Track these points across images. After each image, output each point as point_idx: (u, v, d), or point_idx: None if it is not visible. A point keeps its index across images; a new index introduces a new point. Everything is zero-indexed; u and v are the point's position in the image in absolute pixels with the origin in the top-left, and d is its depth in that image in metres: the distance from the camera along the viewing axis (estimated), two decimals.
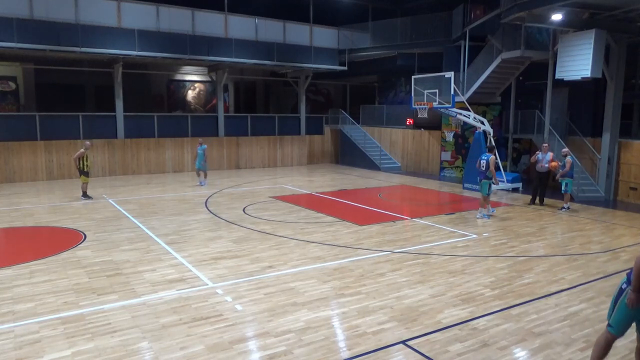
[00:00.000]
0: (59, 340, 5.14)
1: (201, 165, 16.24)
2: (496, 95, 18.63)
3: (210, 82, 24.74)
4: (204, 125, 21.17)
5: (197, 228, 10.31)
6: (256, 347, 5.07)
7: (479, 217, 11.59)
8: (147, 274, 7.28)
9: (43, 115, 17.76)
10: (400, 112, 22.59)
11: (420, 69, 20.73)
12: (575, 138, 16.62)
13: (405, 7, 23.19)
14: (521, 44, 15.56)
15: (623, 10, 12.84)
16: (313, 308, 6.06)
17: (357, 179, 18.68)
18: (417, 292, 6.67)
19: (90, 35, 16.65)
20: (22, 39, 15.56)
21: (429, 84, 15.89)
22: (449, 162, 20.03)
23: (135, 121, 19.41)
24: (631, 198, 14.62)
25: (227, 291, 6.64)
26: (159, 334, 5.30)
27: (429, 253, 8.59)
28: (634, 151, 14.62)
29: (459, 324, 5.64)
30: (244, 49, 19.88)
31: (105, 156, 18.60)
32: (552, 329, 5.57)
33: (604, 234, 10.43)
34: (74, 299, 6.26)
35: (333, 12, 23.12)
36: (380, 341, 5.20)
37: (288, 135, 23.26)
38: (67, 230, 10.06)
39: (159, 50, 18.13)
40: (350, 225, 10.73)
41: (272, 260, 8.04)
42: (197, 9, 18.96)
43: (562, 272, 7.62)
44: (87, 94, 22.44)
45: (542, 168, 13.08)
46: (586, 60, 13.22)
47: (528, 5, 13.03)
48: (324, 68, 22.09)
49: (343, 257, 8.28)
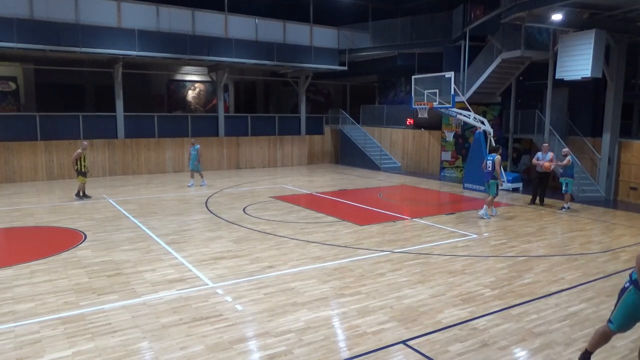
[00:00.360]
0: (59, 340, 5.14)
1: (195, 166, 15.95)
2: (496, 95, 18.63)
3: (210, 82, 24.74)
4: (204, 125, 21.17)
5: (197, 228, 10.32)
6: (256, 347, 5.07)
7: (481, 214, 11.59)
8: (147, 274, 7.28)
9: (43, 115, 17.77)
10: (400, 112, 22.59)
11: (420, 69, 20.72)
12: (575, 138, 16.63)
13: (405, 7, 23.19)
14: (521, 44, 15.56)
15: (623, 10, 12.84)
16: (313, 308, 6.06)
17: (357, 179, 18.68)
18: (417, 292, 6.68)
19: (90, 35, 16.65)
20: (22, 39, 15.56)
21: (429, 84, 15.88)
22: (449, 162, 20.03)
23: (136, 121, 19.41)
24: (631, 198, 14.63)
25: (227, 291, 6.64)
26: (159, 334, 5.30)
27: (429, 253, 8.59)
28: (634, 151, 14.63)
29: (459, 324, 5.64)
30: (244, 49, 19.88)
31: (105, 156, 18.61)
32: (552, 329, 5.58)
33: (604, 234, 10.43)
34: (74, 299, 6.26)
35: (333, 12, 23.11)
36: (380, 341, 5.20)
37: (288, 135, 23.26)
38: (67, 230, 10.06)
39: (159, 50, 18.13)
40: (350, 225, 10.73)
41: (272, 260, 8.04)
42: (197, 9, 18.97)
43: (562, 272, 7.62)
44: (87, 94, 22.44)
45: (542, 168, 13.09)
46: (586, 60, 13.23)
47: (528, 5, 13.04)
48: (324, 68, 22.09)
49: (343, 257, 8.28)
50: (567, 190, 12.72)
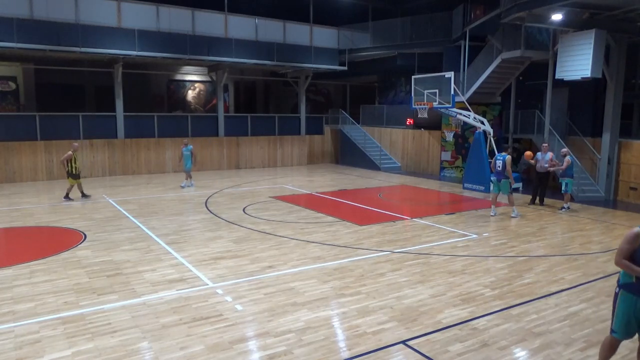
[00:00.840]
0: (59, 340, 5.14)
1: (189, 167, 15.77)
2: (496, 95, 18.63)
3: (210, 82, 24.73)
4: (204, 125, 21.17)
5: (197, 228, 10.32)
6: (256, 347, 5.07)
7: (514, 215, 11.69)
8: (147, 274, 7.28)
9: (43, 115, 17.76)
10: (400, 112, 22.59)
11: (420, 69, 20.72)
12: (575, 138, 16.62)
13: (405, 7, 23.17)
14: (521, 44, 15.56)
15: (623, 10, 12.84)
16: (313, 308, 6.06)
17: (357, 179, 18.68)
18: (417, 292, 6.68)
19: (90, 35, 16.65)
20: (22, 39, 15.56)
21: (429, 84, 15.89)
22: (449, 162, 20.03)
23: (135, 121, 19.41)
24: (631, 198, 14.62)
25: (227, 291, 6.64)
26: (159, 334, 5.30)
27: (429, 253, 8.59)
28: (634, 151, 14.62)
29: (459, 324, 5.64)
30: (244, 49, 19.87)
31: (105, 156, 18.61)
32: (552, 329, 5.57)
33: (604, 234, 10.43)
34: (74, 299, 6.26)
35: (333, 12, 23.11)
36: (380, 341, 5.20)
37: (288, 135, 23.26)
38: (67, 230, 10.06)
39: (159, 50, 18.13)
40: (350, 225, 10.73)
41: (272, 260, 8.04)
42: (197, 9, 18.96)
43: (562, 272, 7.62)
44: (87, 94, 22.44)
45: (542, 168, 13.10)
46: (586, 60, 13.22)
47: (528, 5, 13.03)
48: (324, 68, 22.09)
49: (343, 257, 8.28)
50: (567, 190, 12.72)
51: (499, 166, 11.66)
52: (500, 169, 11.61)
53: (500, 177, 11.68)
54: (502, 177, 11.64)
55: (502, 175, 11.61)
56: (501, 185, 11.72)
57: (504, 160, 11.55)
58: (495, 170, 11.87)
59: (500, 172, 11.66)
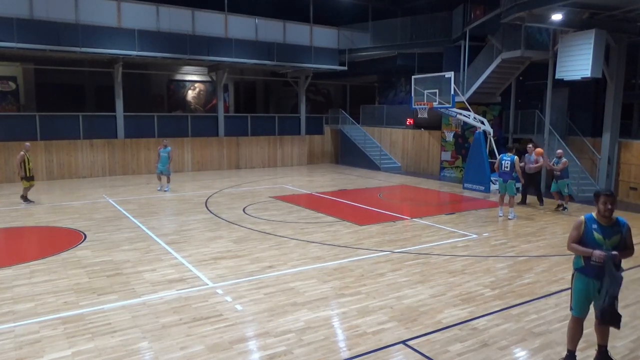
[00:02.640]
0: (59, 340, 5.14)
1: (165, 168, 14.83)
2: (496, 95, 18.63)
3: (210, 82, 24.73)
4: (204, 125, 21.17)
5: (197, 228, 10.31)
6: (256, 347, 5.07)
7: (511, 217, 11.63)
8: (147, 274, 7.28)
9: (43, 115, 17.76)
10: (400, 112, 22.59)
11: (420, 69, 20.72)
12: (575, 138, 16.63)
13: (405, 7, 23.18)
14: (521, 44, 15.56)
15: (623, 10, 12.84)
16: (313, 308, 6.06)
17: (357, 179, 18.68)
18: (417, 292, 6.67)
19: (90, 35, 16.64)
20: (22, 39, 15.56)
21: (429, 84, 15.89)
22: (449, 162, 20.03)
23: (135, 121, 19.41)
24: (631, 198, 14.62)
25: (227, 291, 6.63)
26: (159, 334, 5.30)
27: (429, 253, 8.58)
28: (634, 151, 14.62)
29: (459, 324, 5.64)
30: (244, 49, 19.87)
31: (105, 156, 18.60)
32: (552, 329, 5.57)
33: None
34: (74, 299, 6.26)
35: (333, 12, 23.11)
36: (380, 341, 5.20)
37: (288, 135, 23.25)
38: (67, 230, 10.06)
39: (159, 50, 18.13)
40: (350, 225, 10.73)
41: (272, 260, 8.04)
42: (197, 9, 18.96)
43: (562, 272, 7.62)
44: (87, 94, 22.44)
45: (529, 169, 13.07)
46: (586, 60, 13.22)
47: (528, 5, 13.04)
48: (324, 68, 22.09)
49: (343, 257, 8.28)
50: (568, 192, 12.69)
51: (506, 167, 11.63)
52: (508, 170, 11.58)
53: (506, 177, 11.62)
54: (508, 177, 11.59)
55: (509, 176, 11.56)
56: (507, 186, 11.69)
57: (512, 161, 11.55)
58: (500, 170, 11.83)
59: (507, 172, 11.61)
